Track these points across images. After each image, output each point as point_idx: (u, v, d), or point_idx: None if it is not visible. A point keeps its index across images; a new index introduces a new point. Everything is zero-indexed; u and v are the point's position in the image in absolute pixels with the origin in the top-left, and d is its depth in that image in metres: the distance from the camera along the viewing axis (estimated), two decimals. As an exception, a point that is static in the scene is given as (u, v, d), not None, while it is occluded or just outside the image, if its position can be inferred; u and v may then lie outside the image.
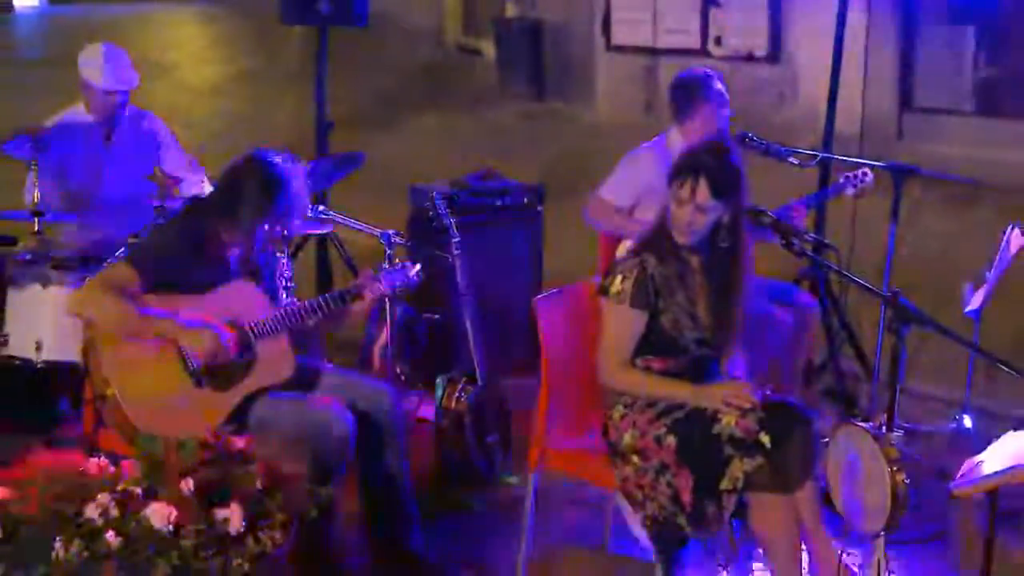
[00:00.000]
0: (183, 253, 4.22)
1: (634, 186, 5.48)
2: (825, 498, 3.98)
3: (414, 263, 4.71)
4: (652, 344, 4.11)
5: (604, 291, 4.12)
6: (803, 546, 4.04)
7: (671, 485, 3.94)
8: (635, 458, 4.02)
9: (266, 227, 4.31)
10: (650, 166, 5.39)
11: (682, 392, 4.05)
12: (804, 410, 4.02)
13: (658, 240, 4.14)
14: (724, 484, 3.87)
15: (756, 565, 4.46)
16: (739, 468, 3.85)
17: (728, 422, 3.91)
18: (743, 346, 4.37)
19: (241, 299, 4.28)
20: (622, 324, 4.09)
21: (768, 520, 3.93)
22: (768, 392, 4.02)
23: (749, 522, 3.95)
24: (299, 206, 4.36)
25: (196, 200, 4.53)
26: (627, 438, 4.04)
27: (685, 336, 4.12)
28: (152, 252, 4.24)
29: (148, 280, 4.10)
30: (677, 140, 5.43)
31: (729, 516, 3.90)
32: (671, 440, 3.96)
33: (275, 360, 4.27)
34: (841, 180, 5.72)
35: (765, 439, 3.86)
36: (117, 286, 4.05)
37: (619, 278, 4.08)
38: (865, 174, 5.68)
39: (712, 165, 4.04)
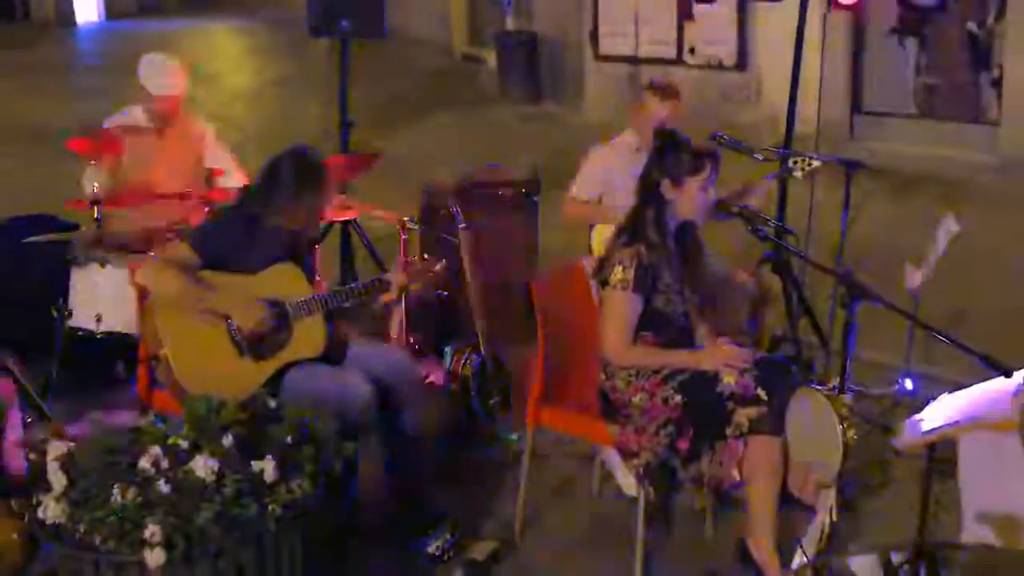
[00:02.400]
0: (234, 235, 4.23)
1: (599, 177, 5.49)
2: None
3: (438, 258, 4.69)
4: (648, 322, 4.11)
5: (605, 281, 4.10)
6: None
7: (670, 435, 3.95)
8: (640, 417, 4.02)
9: (301, 208, 4.32)
10: (615, 158, 5.43)
11: (684, 359, 4.06)
12: (788, 363, 4.04)
13: (644, 230, 4.13)
14: (730, 431, 3.89)
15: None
16: (744, 416, 3.88)
17: (729, 381, 3.92)
18: (711, 307, 4.39)
19: (285, 279, 4.28)
20: (626, 308, 4.07)
21: (762, 460, 3.92)
22: (755, 352, 4.04)
23: (741, 460, 3.95)
24: (327, 189, 4.36)
25: (245, 188, 4.53)
26: (636, 400, 4.04)
27: (676, 311, 4.13)
28: (208, 234, 4.25)
29: (204, 258, 4.12)
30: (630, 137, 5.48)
31: (737, 458, 3.91)
32: (678, 399, 3.97)
33: (310, 337, 4.27)
34: (790, 164, 5.62)
35: (762, 393, 3.87)
36: (177, 262, 4.06)
37: (620, 268, 4.06)
38: (811, 160, 5.59)
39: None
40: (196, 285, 4.07)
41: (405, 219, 5.59)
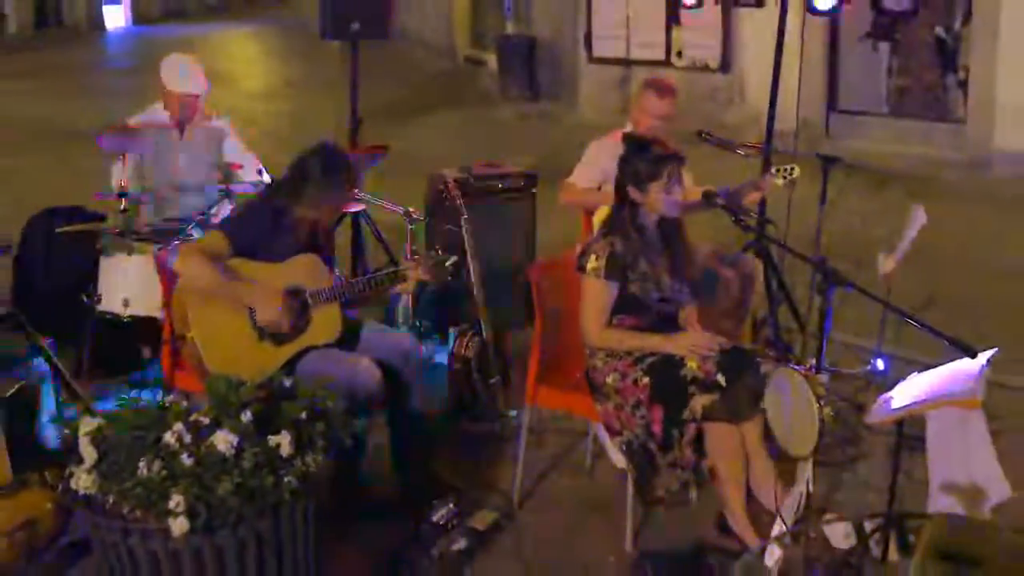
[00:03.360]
0: (262, 226, 4.22)
1: (597, 168, 5.49)
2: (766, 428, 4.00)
3: (449, 253, 4.69)
4: (625, 306, 4.11)
5: (582, 269, 4.11)
6: (745, 469, 4.06)
7: (644, 418, 3.95)
8: (615, 396, 4.03)
9: (327, 200, 4.31)
10: (610, 150, 5.43)
11: (655, 343, 4.05)
12: (753, 356, 4.03)
13: (620, 224, 4.13)
14: (685, 415, 3.89)
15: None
16: (699, 403, 3.87)
17: (692, 366, 3.92)
18: (696, 301, 4.38)
19: (307, 268, 4.28)
20: (600, 294, 4.08)
21: (720, 446, 3.94)
22: (723, 341, 4.03)
23: (705, 448, 3.96)
24: (352, 182, 4.36)
25: (273, 182, 4.52)
26: (609, 380, 4.04)
27: (651, 297, 4.12)
28: (240, 224, 4.24)
29: (235, 247, 4.11)
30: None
31: (689, 441, 3.91)
32: (646, 380, 3.97)
33: (327, 324, 4.26)
34: (773, 171, 5.62)
35: (721, 379, 3.87)
36: (210, 252, 4.06)
37: (593, 257, 4.07)
38: (791, 169, 5.60)
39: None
40: (224, 276, 4.06)
41: (412, 210, 5.59)
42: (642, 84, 5.60)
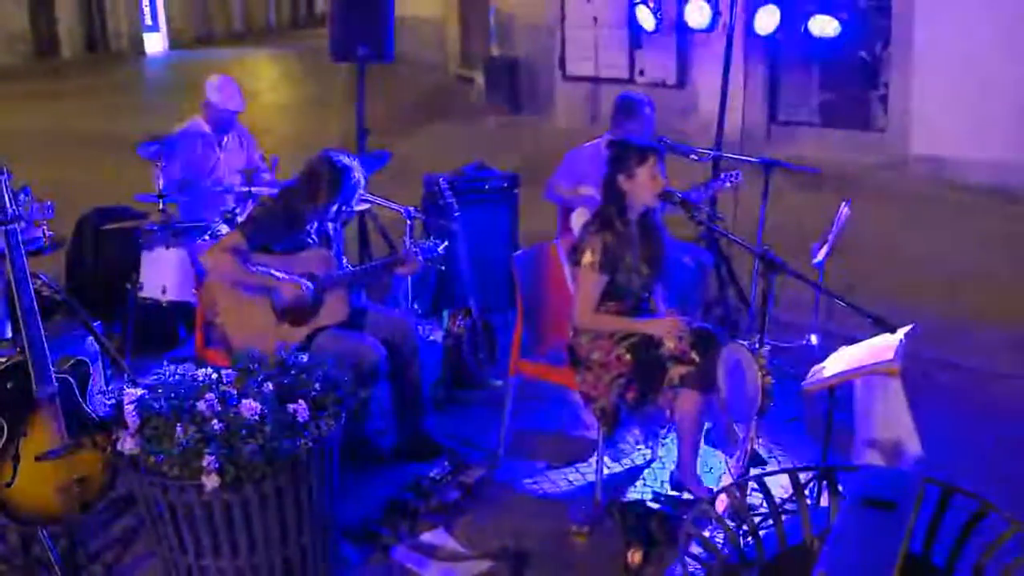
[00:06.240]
0: (277, 225, 4.18)
1: (576, 171, 5.47)
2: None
3: (440, 240, 4.67)
4: (611, 294, 4.09)
5: (577, 262, 4.06)
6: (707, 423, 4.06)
7: (621, 387, 3.95)
8: (597, 368, 4.01)
9: (336, 204, 4.27)
10: (588, 158, 5.40)
11: (636, 325, 4.04)
12: (720, 334, 4.02)
13: (610, 221, 4.09)
14: (665, 382, 3.88)
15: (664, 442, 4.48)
16: (676, 372, 3.88)
17: (669, 345, 3.91)
18: (664, 285, 4.38)
19: (317, 260, 4.25)
20: (594, 284, 4.05)
21: (688, 408, 3.93)
22: (694, 322, 4.03)
23: (674, 407, 3.96)
24: (358, 188, 4.33)
25: (286, 187, 4.48)
26: (595, 356, 4.03)
27: (633, 285, 4.10)
28: (257, 223, 4.19)
29: (252, 244, 4.07)
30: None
31: (666, 405, 3.92)
32: (628, 357, 3.96)
33: (336, 307, 4.24)
34: (722, 176, 5.68)
35: (695, 355, 3.87)
36: (232, 249, 4.02)
37: (589, 251, 4.03)
38: (737, 175, 5.64)
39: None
40: (246, 269, 4.04)
41: (411, 208, 5.56)
42: (637, 105, 5.56)
